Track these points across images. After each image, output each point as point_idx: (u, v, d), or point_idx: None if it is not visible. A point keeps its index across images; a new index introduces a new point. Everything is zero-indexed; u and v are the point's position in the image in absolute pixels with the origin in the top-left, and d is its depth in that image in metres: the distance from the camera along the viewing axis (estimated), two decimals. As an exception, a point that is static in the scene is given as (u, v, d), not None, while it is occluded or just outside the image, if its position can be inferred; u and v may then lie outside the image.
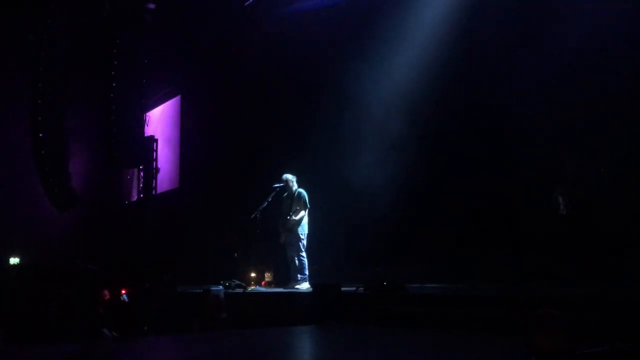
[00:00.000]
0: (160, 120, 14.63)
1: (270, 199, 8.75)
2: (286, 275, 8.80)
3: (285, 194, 8.64)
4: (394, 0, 8.74)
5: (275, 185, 8.73)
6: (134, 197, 13.65)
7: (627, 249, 6.04)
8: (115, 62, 11.61)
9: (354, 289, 6.80)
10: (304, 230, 8.36)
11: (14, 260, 12.83)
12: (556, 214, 6.93)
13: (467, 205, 7.74)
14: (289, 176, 8.65)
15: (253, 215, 8.74)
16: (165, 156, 13.62)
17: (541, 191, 7.04)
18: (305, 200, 8.38)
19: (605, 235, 6.30)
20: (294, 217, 8.36)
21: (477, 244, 7.51)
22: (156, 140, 12.57)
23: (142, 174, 12.21)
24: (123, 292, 7.38)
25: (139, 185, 12.67)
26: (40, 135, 10.67)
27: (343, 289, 6.79)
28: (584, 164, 6.77)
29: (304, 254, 8.33)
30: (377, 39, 8.90)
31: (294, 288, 8.20)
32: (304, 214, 8.34)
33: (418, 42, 8.38)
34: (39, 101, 10.64)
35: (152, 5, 11.95)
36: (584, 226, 6.58)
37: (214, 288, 7.91)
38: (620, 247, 6.11)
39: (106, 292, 7.00)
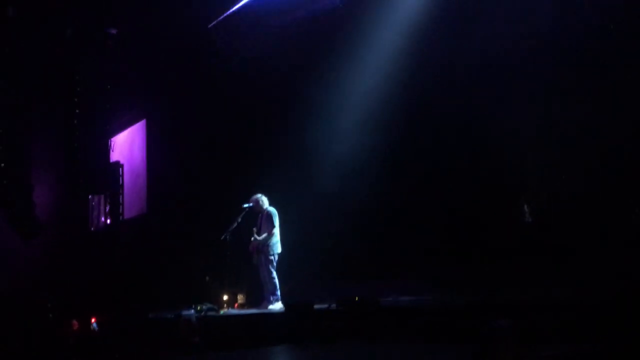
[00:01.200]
0: (125, 144, 14.44)
1: (239, 220, 8.71)
2: (259, 296, 8.74)
3: (259, 214, 8.62)
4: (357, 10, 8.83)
5: (245, 206, 8.69)
6: (101, 224, 13.40)
7: (590, 254, 6.19)
8: (78, 88, 11.50)
9: (326, 306, 6.80)
10: (275, 250, 8.33)
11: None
12: (522, 222, 7.08)
13: (436, 218, 7.85)
14: (257, 196, 8.64)
15: (223, 237, 8.68)
16: (132, 181, 13.43)
17: (507, 200, 7.19)
18: (274, 219, 8.36)
19: (569, 242, 6.45)
20: (257, 238, 8.35)
21: (447, 255, 7.61)
22: (122, 166, 12.40)
23: (108, 200, 12.02)
24: (93, 320, 7.22)
25: (105, 211, 12.46)
26: (2, 165, 10.43)
27: (316, 307, 6.79)
28: (547, 172, 6.94)
29: (274, 274, 8.29)
30: (342, 50, 8.99)
31: (267, 309, 8.15)
32: (267, 235, 8.31)
33: (385, 51, 8.49)
34: (-1, 130, 10.43)
35: (113, 30, 11.87)
36: (548, 233, 6.74)
37: (185, 312, 7.81)
38: (584, 253, 6.26)
39: (75, 322, 6.83)
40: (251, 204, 8.64)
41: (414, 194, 8.13)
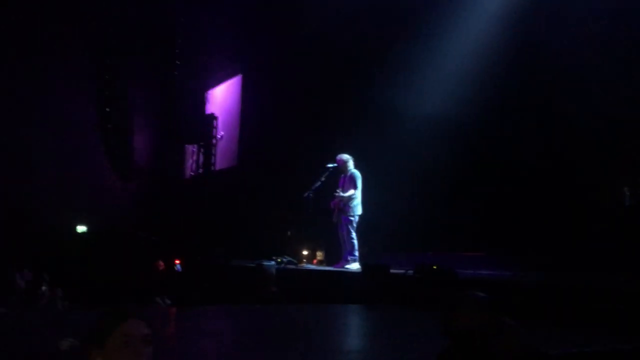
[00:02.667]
0: (221, 98, 14.86)
1: (323, 179, 8.76)
2: (337, 255, 8.82)
3: (342, 175, 8.62)
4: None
5: (329, 165, 8.72)
6: (194, 172, 14.01)
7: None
8: (179, 41, 11.95)
9: (403, 271, 6.75)
10: (355, 211, 8.33)
11: (81, 229, 13.50)
12: (622, 205, 6.63)
13: (526, 192, 7.50)
14: (344, 156, 8.59)
15: (306, 194, 8.78)
16: (225, 134, 13.86)
17: (606, 182, 6.75)
18: (357, 181, 8.33)
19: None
20: (341, 194, 8.35)
21: (536, 233, 7.28)
22: (216, 118, 12.81)
23: (201, 150, 12.51)
24: (176, 262, 7.63)
25: (198, 161, 12.99)
26: (107, 109, 11.10)
27: (392, 271, 6.76)
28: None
29: (354, 234, 8.32)
30: (441, 9, 8.66)
31: (343, 267, 8.23)
32: (353, 193, 8.30)
33: (486, 14, 8.07)
34: (106, 77, 11.05)
35: (215, -16, 12.17)
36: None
37: (266, 263, 8.06)
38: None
39: (161, 263, 7.25)
40: (336, 164, 8.64)
41: (507, 166, 7.77)
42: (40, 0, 12.65)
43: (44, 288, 6.11)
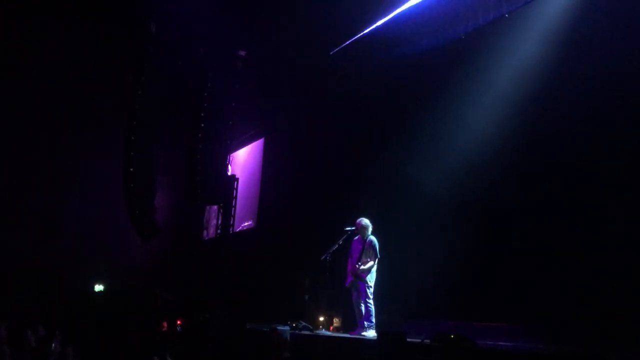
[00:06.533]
0: (243, 161, 15.10)
1: (341, 242, 8.68)
2: (355, 321, 8.61)
3: (356, 238, 8.53)
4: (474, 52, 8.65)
5: (347, 229, 8.66)
6: (212, 234, 14.06)
7: None
8: (205, 105, 12.28)
9: (419, 340, 6.55)
10: (372, 277, 8.20)
11: (98, 288, 13.51)
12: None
13: (546, 262, 7.31)
14: (365, 221, 8.50)
15: (323, 257, 8.69)
16: (245, 196, 13.97)
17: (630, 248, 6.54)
18: (376, 249, 8.24)
19: None
20: (362, 267, 8.23)
21: (557, 303, 7.05)
22: (237, 179, 12.96)
23: (221, 211, 12.59)
24: (178, 322, 7.51)
25: (217, 222, 13.06)
26: (131, 169, 11.31)
27: (409, 339, 6.56)
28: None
29: (371, 301, 8.15)
30: (455, 92, 8.82)
31: (360, 335, 8.02)
32: (372, 264, 8.21)
33: (505, 87, 8.16)
34: (132, 137, 11.33)
35: (242, 52, 12.63)
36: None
37: (280, 327, 7.89)
38: None
39: (165, 324, 7.16)
40: (354, 228, 8.57)
41: (529, 235, 7.62)
42: (67, 61, 13.28)
43: (54, 345, 6.05)
